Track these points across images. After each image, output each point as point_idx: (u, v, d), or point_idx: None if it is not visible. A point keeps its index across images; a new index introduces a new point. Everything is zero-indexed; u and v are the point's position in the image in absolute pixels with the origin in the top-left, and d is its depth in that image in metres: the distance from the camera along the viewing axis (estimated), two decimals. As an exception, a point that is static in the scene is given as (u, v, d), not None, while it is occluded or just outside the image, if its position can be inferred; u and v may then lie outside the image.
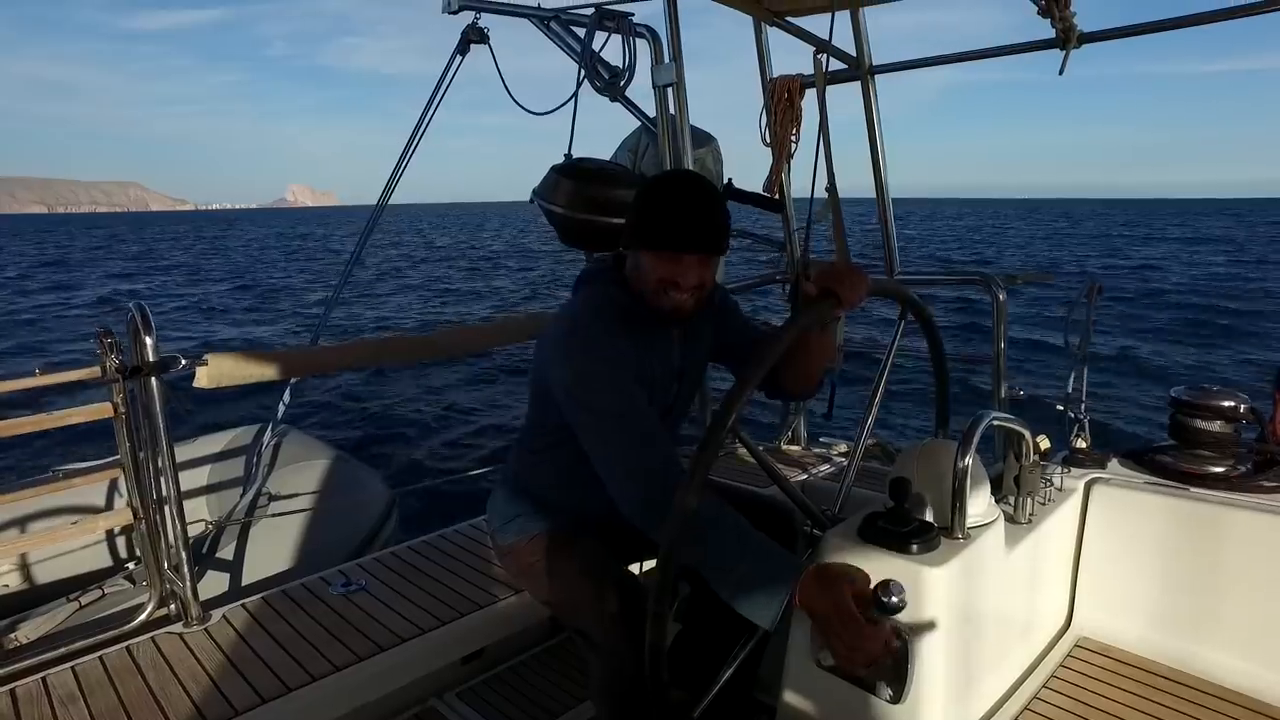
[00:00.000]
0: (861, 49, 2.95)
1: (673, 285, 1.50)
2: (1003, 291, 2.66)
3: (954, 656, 1.26)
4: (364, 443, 7.10)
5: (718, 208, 1.51)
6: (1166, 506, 1.64)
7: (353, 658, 1.85)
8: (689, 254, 1.48)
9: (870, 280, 1.41)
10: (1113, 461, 1.81)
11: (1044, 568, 1.63)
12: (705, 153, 2.94)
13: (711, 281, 1.56)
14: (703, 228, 1.48)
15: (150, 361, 1.90)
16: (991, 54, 2.69)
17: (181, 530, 2.00)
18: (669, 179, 1.58)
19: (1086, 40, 2.33)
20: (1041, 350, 10.00)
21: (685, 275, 1.49)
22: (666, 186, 1.53)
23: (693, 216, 1.47)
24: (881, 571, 1.24)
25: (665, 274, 1.49)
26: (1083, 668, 1.61)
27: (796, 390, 1.75)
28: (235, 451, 3.05)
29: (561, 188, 2.67)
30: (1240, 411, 1.71)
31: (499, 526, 1.83)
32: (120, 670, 1.81)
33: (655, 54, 2.68)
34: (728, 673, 1.34)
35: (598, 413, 1.45)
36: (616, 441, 1.43)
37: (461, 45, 3.27)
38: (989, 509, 1.37)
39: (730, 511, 1.33)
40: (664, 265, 1.49)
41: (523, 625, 2.17)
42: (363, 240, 3.29)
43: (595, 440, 1.46)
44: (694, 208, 1.47)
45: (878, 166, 3.05)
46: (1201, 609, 1.60)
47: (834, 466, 2.98)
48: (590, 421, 1.46)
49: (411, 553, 2.39)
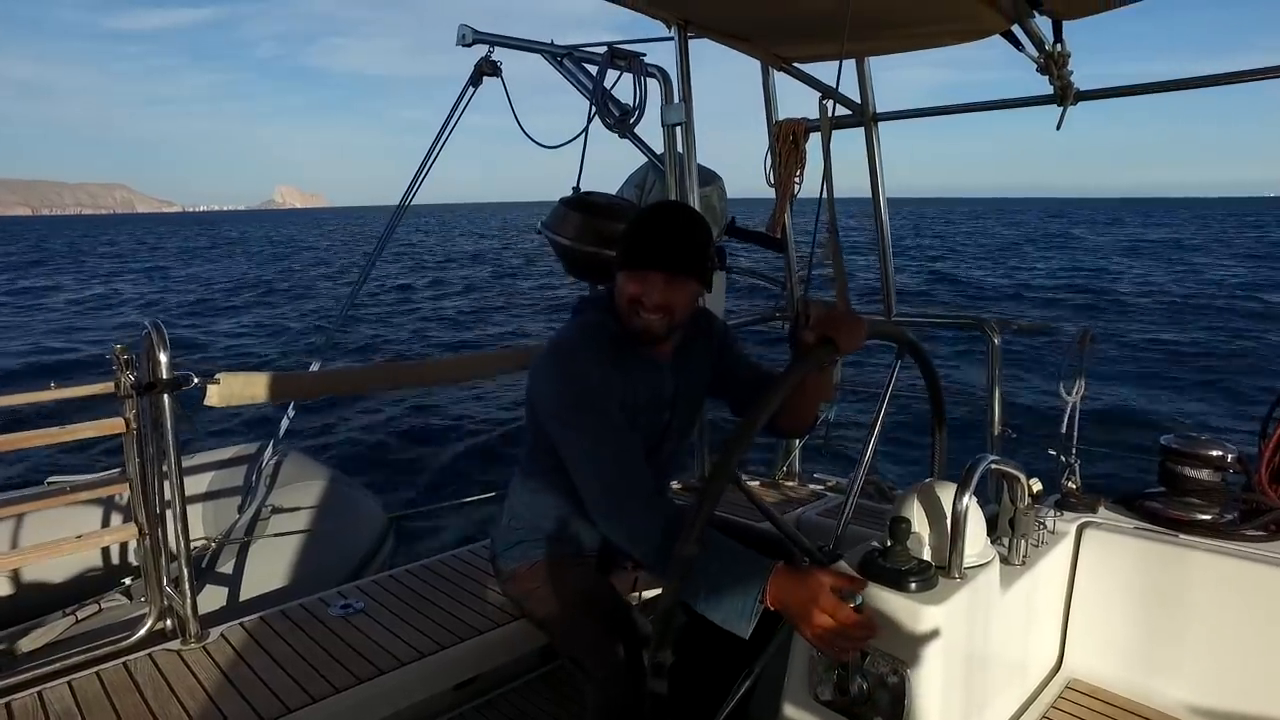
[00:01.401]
0: (866, 96, 3.03)
1: (638, 303, 1.56)
2: (998, 336, 2.72)
3: (949, 694, 1.28)
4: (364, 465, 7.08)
5: (689, 233, 1.57)
6: (1155, 552, 1.68)
7: (352, 680, 1.86)
8: (652, 272, 1.54)
9: (868, 325, 1.44)
10: (1103, 507, 1.86)
11: (1037, 609, 1.66)
12: (711, 191, 3.00)
13: (682, 305, 1.60)
14: (666, 247, 1.54)
15: (164, 379, 1.93)
16: (993, 107, 2.78)
17: (185, 547, 2.02)
18: (653, 207, 1.67)
19: (1083, 98, 2.42)
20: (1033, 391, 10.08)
21: (649, 293, 1.54)
22: (646, 213, 1.62)
23: (658, 237, 1.55)
24: (880, 608, 1.27)
25: (633, 291, 1.55)
26: (1072, 709, 1.64)
27: (791, 429, 1.79)
28: (235, 469, 3.06)
29: (569, 220, 2.72)
30: (1228, 461, 1.75)
31: (500, 552, 1.86)
32: (118, 686, 1.81)
33: (665, 94, 2.75)
34: (731, 703, 1.36)
35: (577, 431, 1.52)
36: (593, 460, 1.49)
37: (474, 77, 3.34)
38: (985, 549, 1.41)
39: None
40: (632, 283, 1.55)
41: (517, 653, 2.18)
42: (372, 260, 3.34)
43: (574, 458, 1.52)
44: (662, 230, 1.56)
45: (878, 210, 3.12)
46: (1187, 654, 1.63)
47: (828, 502, 3.02)
48: (570, 439, 1.53)
49: (410, 576, 2.41)
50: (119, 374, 1.95)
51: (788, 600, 1.23)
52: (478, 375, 2.88)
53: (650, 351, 1.68)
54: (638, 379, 1.64)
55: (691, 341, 1.77)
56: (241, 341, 15.30)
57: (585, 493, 1.50)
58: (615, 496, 1.46)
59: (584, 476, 1.51)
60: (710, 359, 1.82)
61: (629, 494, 1.45)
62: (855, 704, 1.29)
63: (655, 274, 1.54)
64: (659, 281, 1.54)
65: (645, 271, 1.54)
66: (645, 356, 1.67)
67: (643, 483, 1.46)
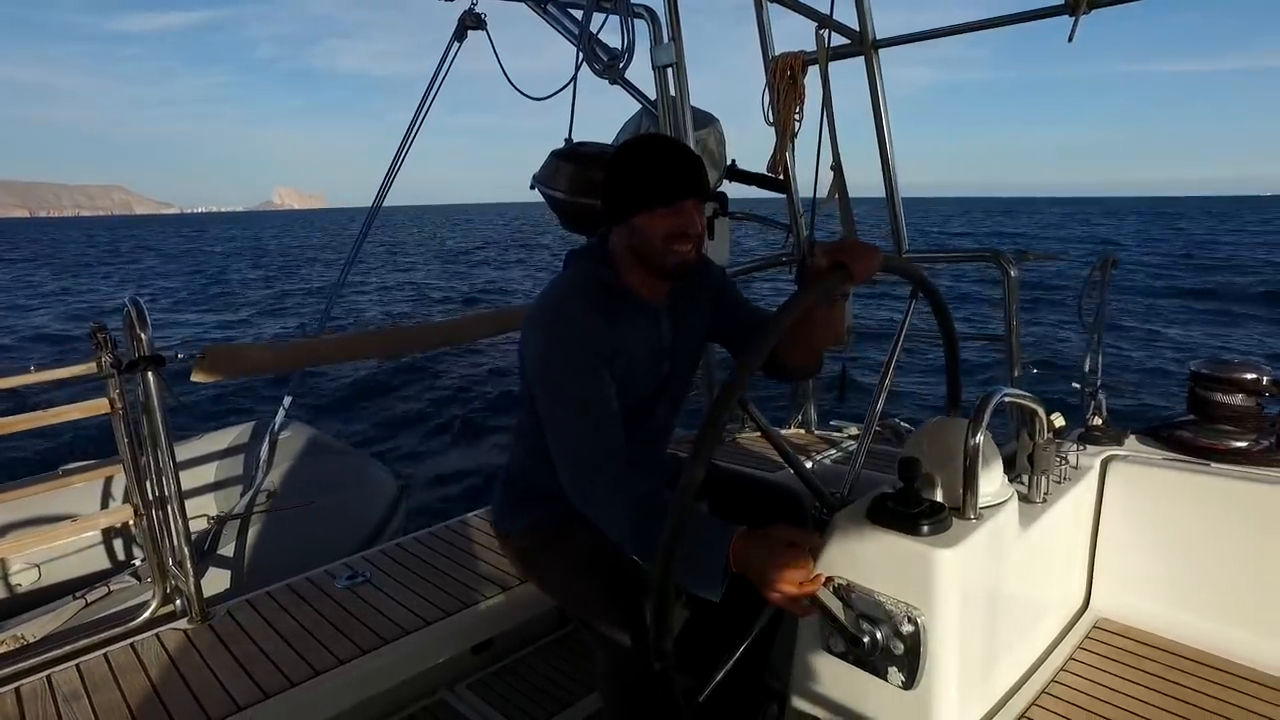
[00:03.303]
0: (864, 23, 2.88)
1: (680, 237, 1.51)
2: (1014, 268, 2.60)
3: (967, 640, 1.22)
4: (371, 436, 7.09)
5: (694, 156, 1.56)
6: (1186, 483, 1.59)
7: (357, 651, 1.83)
8: (686, 200, 1.50)
9: (881, 255, 1.37)
10: (1130, 438, 1.76)
11: (1060, 548, 1.58)
12: (707, 134, 2.88)
13: (705, 228, 1.58)
14: (692, 172, 1.52)
15: (146, 356, 1.88)
16: (1000, 23, 2.62)
17: (183, 526, 1.99)
18: (636, 143, 1.59)
19: (1095, 5, 2.26)
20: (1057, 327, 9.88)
21: (690, 222, 1.51)
22: (639, 148, 1.55)
23: (679, 164, 1.51)
24: (892, 553, 1.20)
25: (671, 227, 1.51)
26: (1102, 649, 1.57)
27: (797, 368, 1.71)
28: (240, 447, 3.03)
29: (562, 172, 2.64)
30: (1262, 384, 1.65)
31: (501, 517, 1.81)
32: (124, 667, 1.80)
33: (654, 34, 2.62)
34: (731, 661, 1.31)
35: (555, 396, 1.49)
36: (567, 428, 1.47)
37: (458, 32, 3.23)
38: (1002, 488, 1.33)
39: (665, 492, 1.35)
40: (667, 220, 1.50)
41: (532, 615, 2.14)
42: (362, 235, 3.27)
43: (549, 422, 1.50)
44: (676, 157, 1.52)
45: (883, 143, 2.98)
46: (1223, 587, 1.55)
47: (843, 451, 2.94)
48: (549, 402, 1.50)
49: (418, 544, 2.37)
50: (98, 353, 1.90)
51: (748, 564, 1.25)
52: (478, 335, 2.83)
53: (645, 300, 1.60)
54: (634, 329, 1.58)
55: (687, 288, 1.69)
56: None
57: (556, 460, 1.49)
58: (583, 470, 1.45)
59: (556, 444, 1.49)
60: (708, 304, 1.75)
61: (597, 469, 1.43)
62: (869, 654, 1.23)
63: (688, 201, 1.51)
64: (693, 209, 1.52)
65: (680, 203, 1.50)
66: (641, 306, 1.60)
67: (614, 459, 1.43)
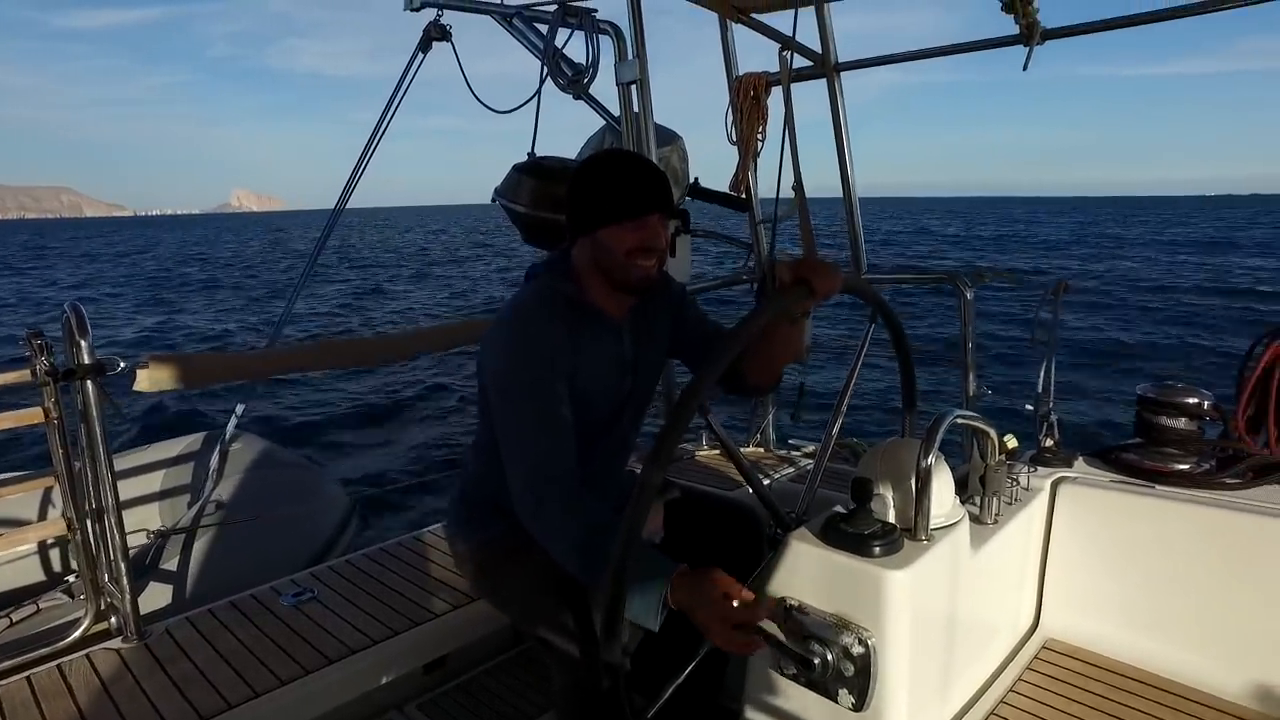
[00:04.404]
0: (827, 46, 2.92)
1: (644, 251, 1.52)
2: (969, 290, 2.65)
3: (918, 661, 1.22)
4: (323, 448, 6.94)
5: (658, 171, 1.57)
6: (1132, 505, 1.61)
7: (301, 670, 1.78)
8: (651, 215, 1.51)
9: (844, 276, 1.39)
10: (1079, 460, 1.79)
11: (1011, 568, 1.60)
12: (670, 150, 2.89)
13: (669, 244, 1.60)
14: (658, 187, 1.53)
15: (86, 364, 1.81)
16: (957, 50, 2.68)
17: (121, 540, 1.91)
18: (602, 157, 1.61)
19: (1049, 36, 2.32)
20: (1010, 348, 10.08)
21: (654, 237, 1.52)
22: (605, 162, 1.56)
23: (646, 179, 1.52)
24: (844, 574, 1.20)
25: (636, 241, 1.51)
26: (1051, 669, 1.58)
27: (756, 384, 1.72)
28: (186, 458, 2.94)
29: (524, 186, 2.63)
30: (1205, 409, 1.69)
31: (455, 532, 1.78)
32: (48, 690, 1.71)
33: (619, 51, 2.63)
34: (679, 679, 1.30)
35: (514, 407, 1.48)
36: (523, 439, 1.46)
37: (423, 43, 3.20)
38: (954, 509, 1.33)
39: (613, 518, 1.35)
40: (632, 234, 1.51)
41: (485, 632, 2.10)
42: (321, 241, 3.22)
43: (505, 438, 1.49)
44: (643, 172, 1.53)
45: (844, 163, 3.03)
46: (1168, 608, 1.57)
47: (800, 469, 2.95)
48: (506, 417, 1.49)
49: (368, 561, 2.32)
50: (33, 359, 1.82)
51: (688, 604, 1.25)
52: (431, 349, 2.79)
53: (608, 315, 1.60)
54: (597, 344, 1.58)
55: (648, 303, 1.69)
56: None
57: (509, 473, 1.48)
58: (536, 485, 1.44)
59: (511, 457, 1.48)
60: (669, 319, 1.75)
61: (550, 484, 1.43)
62: (820, 676, 1.22)
63: (653, 216, 1.52)
64: (657, 224, 1.53)
65: (645, 217, 1.51)
66: (604, 321, 1.60)
67: (568, 477, 1.44)
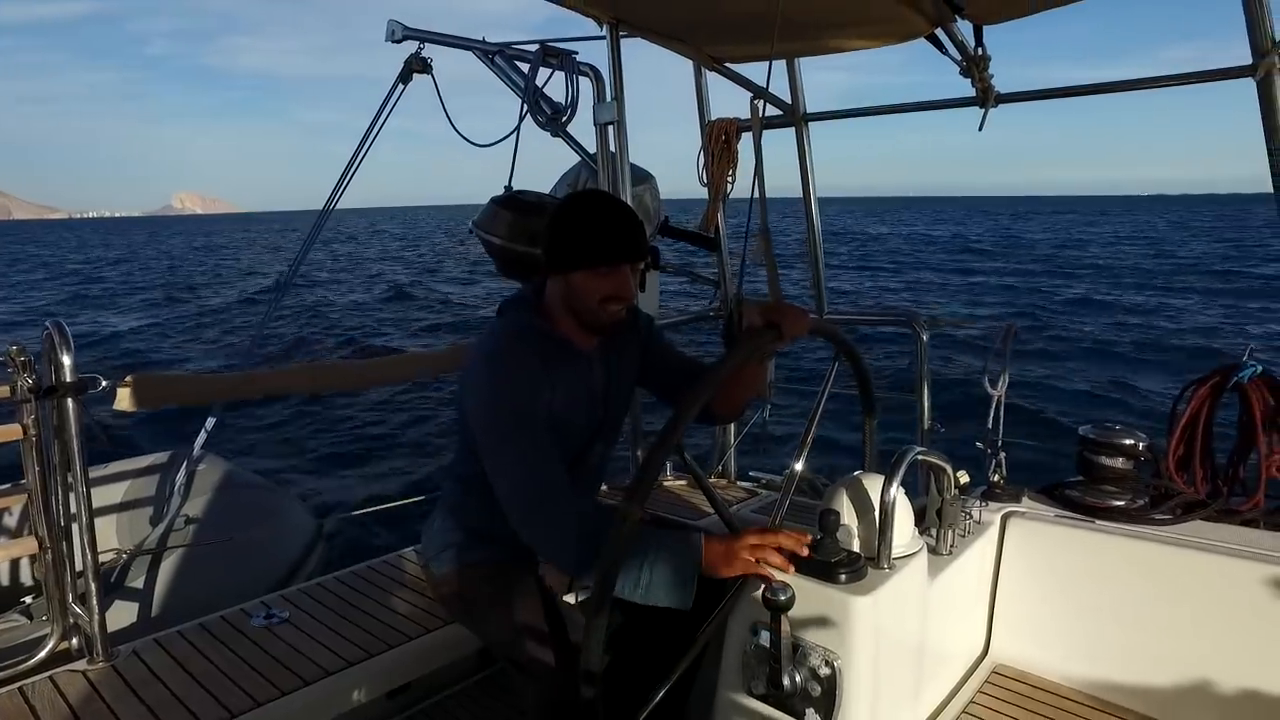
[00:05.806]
0: (796, 97, 3.08)
1: (614, 299, 1.56)
2: (925, 332, 2.79)
3: (880, 683, 1.30)
4: (291, 471, 6.85)
5: (636, 219, 1.60)
6: (1072, 538, 1.74)
7: (274, 692, 1.78)
8: (623, 265, 1.56)
9: (810, 318, 1.48)
10: (1026, 496, 1.91)
11: (964, 597, 1.70)
12: (644, 190, 3.00)
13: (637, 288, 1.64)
14: (632, 239, 1.56)
15: (67, 382, 1.82)
16: (918, 108, 2.85)
17: (92, 560, 1.90)
18: (584, 199, 1.65)
19: (1003, 101, 2.50)
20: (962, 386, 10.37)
21: (623, 287, 1.56)
22: (585, 206, 1.60)
23: (622, 229, 1.56)
24: (812, 599, 1.28)
25: (607, 289, 1.55)
26: (999, 694, 1.68)
27: (723, 414, 1.85)
28: (151, 478, 2.91)
29: (500, 219, 2.69)
30: (1139, 449, 1.83)
31: (433, 556, 1.81)
32: (10, 713, 1.68)
33: (598, 92, 2.74)
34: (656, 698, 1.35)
35: (503, 447, 1.50)
36: (517, 476, 1.49)
37: (404, 74, 3.26)
38: (913, 540, 1.43)
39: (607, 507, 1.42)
40: (604, 281, 1.55)
41: (452, 658, 2.12)
42: (298, 261, 3.24)
43: (498, 471, 1.51)
44: (620, 221, 1.56)
45: (809, 209, 3.17)
46: (1105, 635, 1.69)
47: (762, 500, 3.04)
48: (497, 453, 1.51)
49: (338, 583, 2.33)
50: (14, 376, 1.82)
51: (717, 561, 1.31)
52: (404, 377, 2.82)
53: (579, 348, 1.66)
54: (570, 376, 1.63)
55: (617, 336, 1.76)
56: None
57: (507, 508, 1.50)
58: (531, 497, 1.47)
59: (507, 491, 1.50)
60: (637, 351, 1.82)
61: (545, 495, 1.46)
62: (788, 696, 1.29)
63: (625, 266, 1.56)
64: (629, 273, 1.57)
65: (617, 267, 1.55)
66: (576, 353, 1.66)
67: (564, 498, 1.47)
